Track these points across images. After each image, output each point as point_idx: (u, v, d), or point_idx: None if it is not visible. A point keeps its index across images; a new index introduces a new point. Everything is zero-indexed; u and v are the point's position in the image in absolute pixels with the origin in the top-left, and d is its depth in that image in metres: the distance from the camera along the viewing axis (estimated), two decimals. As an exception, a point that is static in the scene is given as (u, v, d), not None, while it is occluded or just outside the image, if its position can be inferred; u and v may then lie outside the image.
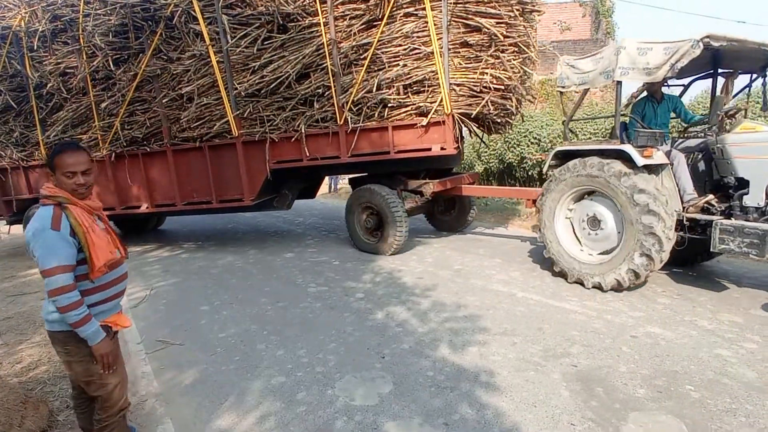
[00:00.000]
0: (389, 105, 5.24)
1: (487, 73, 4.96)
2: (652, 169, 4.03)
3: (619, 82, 4.11)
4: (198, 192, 6.06)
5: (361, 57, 5.25)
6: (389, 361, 3.04)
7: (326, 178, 11.61)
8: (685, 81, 5.01)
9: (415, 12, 5.07)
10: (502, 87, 5.02)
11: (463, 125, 5.28)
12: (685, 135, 4.86)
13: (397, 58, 5.19)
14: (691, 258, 4.64)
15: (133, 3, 5.46)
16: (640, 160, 3.88)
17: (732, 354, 2.95)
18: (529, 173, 9.49)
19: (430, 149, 5.29)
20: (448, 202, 7.03)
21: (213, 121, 5.73)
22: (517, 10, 4.84)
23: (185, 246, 7.20)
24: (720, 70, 4.59)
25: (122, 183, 6.31)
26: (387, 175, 6.09)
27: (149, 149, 6.04)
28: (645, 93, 4.85)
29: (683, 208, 4.05)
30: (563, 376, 2.75)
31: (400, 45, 5.16)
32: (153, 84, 5.81)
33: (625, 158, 4.00)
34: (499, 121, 5.47)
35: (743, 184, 3.83)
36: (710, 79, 4.74)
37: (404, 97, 5.21)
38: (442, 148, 5.25)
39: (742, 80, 4.59)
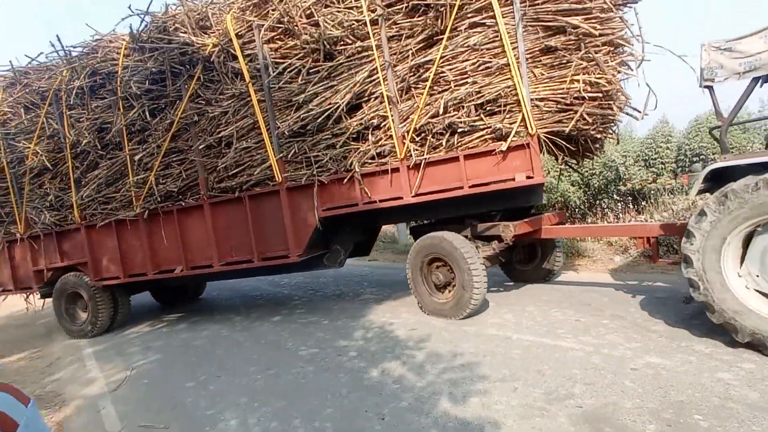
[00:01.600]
0: (459, 130, 4.68)
1: (578, 81, 4.26)
2: None
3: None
4: (237, 250, 5.64)
5: (422, 78, 4.84)
6: (389, 422, 3.10)
7: None
8: None
9: (482, 21, 4.58)
10: (600, 94, 4.28)
11: (549, 146, 4.51)
12: None
13: (465, 75, 4.74)
14: None
15: (171, 48, 5.35)
16: None
17: (733, 376, 3.10)
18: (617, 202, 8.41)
19: (512, 179, 4.60)
20: (529, 247, 6.17)
21: (253, 166, 5.42)
22: (611, 1, 4.19)
23: (166, 319, 7.38)
24: None
25: (156, 244, 6.09)
26: (455, 219, 5.37)
27: (184, 204, 5.79)
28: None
29: None
30: (570, 419, 2.84)
31: (467, 60, 4.73)
32: (189, 131, 5.69)
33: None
34: (598, 137, 4.66)
35: None
36: None
37: (476, 119, 4.63)
38: (528, 177, 4.56)
39: None
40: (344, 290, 7.58)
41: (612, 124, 4.91)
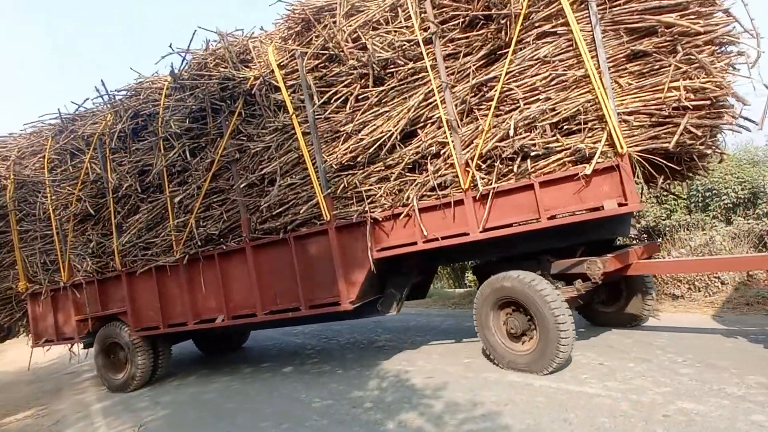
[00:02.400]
0: (532, 154, 4.05)
1: (678, 88, 3.61)
2: None
3: None
4: (282, 297, 5.18)
5: (485, 98, 4.34)
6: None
7: None
8: None
9: (552, 30, 4.06)
10: (707, 101, 3.60)
11: (645, 167, 3.84)
12: None
13: (535, 92, 4.14)
14: None
15: (211, 84, 5.13)
16: None
17: (767, 418, 2.97)
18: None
19: (600, 207, 3.88)
20: (611, 286, 5.33)
21: (299, 204, 5.01)
22: (712, -7, 3.59)
23: (176, 371, 7.23)
24: None
25: (196, 291, 5.73)
26: (526, 256, 4.71)
27: (225, 247, 5.38)
28: None
29: None
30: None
31: (537, 74, 4.20)
32: (230, 170, 5.36)
33: None
34: (707, 152, 3.94)
35: None
36: None
37: (551, 139, 3.99)
38: (620, 204, 3.83)
39: None
40: (358, 338, 7.34)
41: (718, 136, 4.17)
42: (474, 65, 4.39)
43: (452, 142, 4.40)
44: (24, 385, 8.41)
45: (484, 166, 4.35)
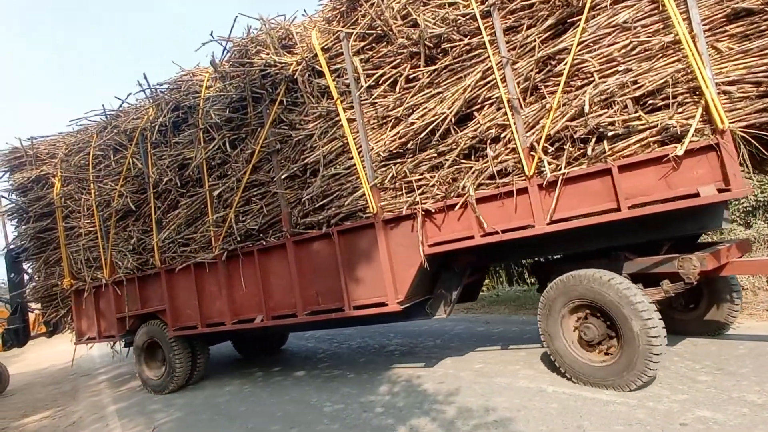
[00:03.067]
0: (609, 134, 3.51)
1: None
2: None
3: None
4: (325, 296, 4.81)
5: (553, 73, 3.79)
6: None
7: None
8: None
9: (633, -8, 3.52)
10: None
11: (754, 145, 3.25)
12: None
13: (613, 63, 3.57)
14: None
15: (252, 71, 4.89)
16: None
17: None
18: None
19: (695, 194, 3.31)
20: (692, 290, 4.64)
21: (343, 196, 4.64)
22: None
23: None
24: None
25: (235, 290, 5.45)
26: (598, 252, 4.16)
27: (265, 243, 5.08)
28: None
29: None
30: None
31: (615, 42, 3.58)
32: (271, 161, 5.06)
33: None
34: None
35: None
36: None
37: (633, 117, 3.45)
38: (721, 190, 3.25)
39: None
40: (369, 342, 7.31)
41: None
42: (539, 37, 3.91)
43: (514, 124, 3.92)
44: (42, 386, 8.68)
45: (551, 149, 3.85)
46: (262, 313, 5.23)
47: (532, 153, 3.88)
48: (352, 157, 4.63)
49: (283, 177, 5.02)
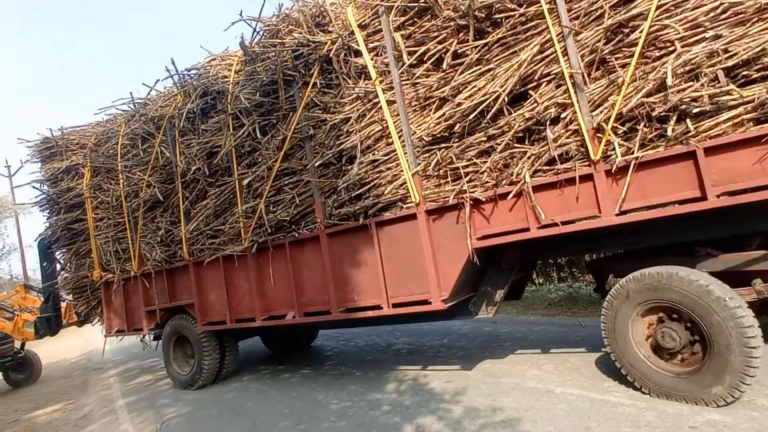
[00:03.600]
0: (693, 111, 3.02)
1: None
2: None
3: None
4: (361, 293, 4.47)
5: (624, 44, 3.32)
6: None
7: None
8: None
9: (725, -55, 3.02)
10: None
11: None
12: None
13: (699, 29, 3.07)
14: None
15: (284, 51, 4.57)
16: None
17: None
18: None
19: (801, 182, 2.81)
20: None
21: (382, 185, 4.27)
22: None
23: None
24: None
25: (265, 284, 5.19)
26: (674, 247, 3.66)
27: (297, 235, 4.78)
28: None
29: None
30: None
31: (701, 5, 3.08)
32: (304, 148, 4.72)
33: None
34: None
35: None
36: None
37: (724, 90, 2.96)
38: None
39: None
40: (377, 340, 7.27)
41: None
42: (607, 2, 3.44)
43: (577, 102, 3.47)
44: (54, 380, 8.80)
45: (621, 130, 3.39)
46: (294, 309, 4.92)
47: (598, 135, 3.42)
48: (391, 142, 4.26)
49: (316, 164, 4.68)
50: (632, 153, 3.28)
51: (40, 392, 7.80)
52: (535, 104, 3.66)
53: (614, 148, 3.32)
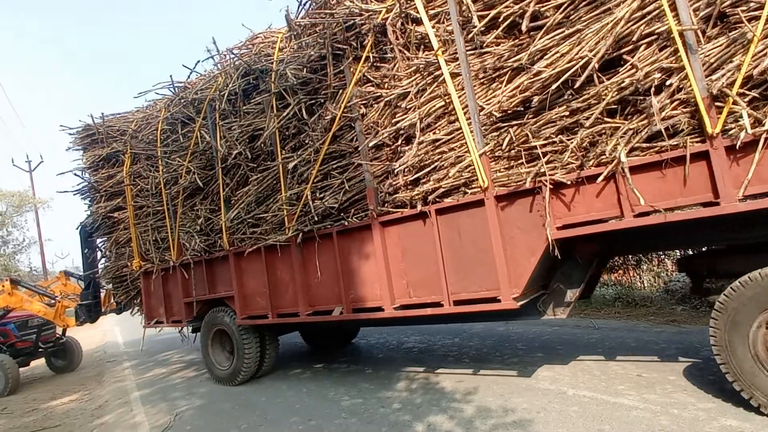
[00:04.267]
0: None
1: None
2: None
3: None
4: (418, 288, 4.02)
5: (754, -9, 2.68)
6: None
7: None
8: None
9: None
10: None
11: None
12: None
13: None
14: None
15: (334, 22, 4.15)
16: None
17: None
18: None
19: None
20: None
21: (444, 168, 3.77)
22: None
23: None
24: None
25: (310, 276, 4.83)
26: None
27: (347, 224, 4.35)
28: None
29: None
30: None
31: None
32: (354, 129, 4.28)
33: None
34: None
35: None
36: None
37: None
38: None
39: None
40: (388, 338, 7.26)
41: None
42: (730, -58, 2.85)
43: (689, 65, 2.90)
44: (70, 372, 8.85)
45: (748, 98, 2.79)
46: (342, 304, 4.52)
47: (716, 104, 2.84)
48: (455, 120, 3.77)
49: (369, 146, 4.25)
50: (764, 125, 2.69)
51: (57, 382, 7.89)
52: (633, 70, 3.10)
53: (738, 120, 2.74)
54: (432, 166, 3.89)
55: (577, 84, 3.20)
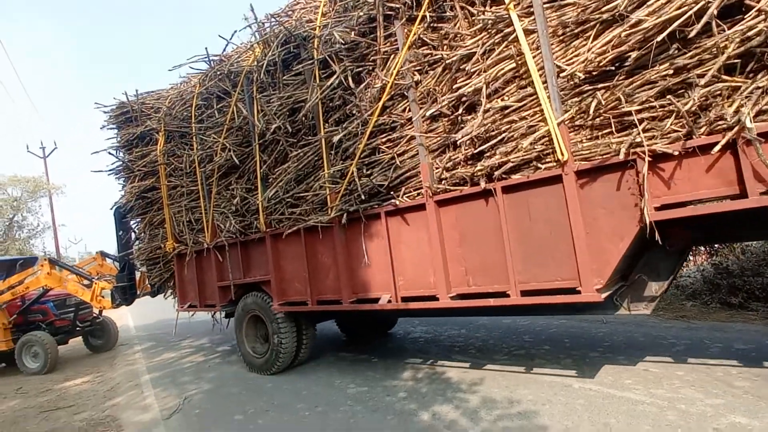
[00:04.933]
0: None
1: None
2: None
3: None
4: (478, 275, 3.60)
5: None
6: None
7: None
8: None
9: None
10: None
11: None
12: None
13: None
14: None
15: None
16: None
17: None
18: None
19: None
20: None
21: (514, 139, 3.28)
22: None
23: (219, 350, 7.56)
24: None
25: (355, 261, 4.45)
26: None
27: (398, 203, 3.92)
28: None
29: None
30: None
31: None
32: (407, 97, 3.81)
33: None
34: None
35: None
36: None
37: None
38: None
39: None
40: (395, 328, 7.18)
41: None
42: None
43: (843, 6, 2.32)
44: (84, 354, 9.06)
45: None
46: (390, 292, 4.11)
47: None
48: (528, 84, 3.27)
49: (425, 116, 3.79)
50: None
51: (71, 365, 8.04)
52: (761, 17, 2.53)
53: None
54: (499, 138, 3.40)
55: (693, 33, 2.64)
